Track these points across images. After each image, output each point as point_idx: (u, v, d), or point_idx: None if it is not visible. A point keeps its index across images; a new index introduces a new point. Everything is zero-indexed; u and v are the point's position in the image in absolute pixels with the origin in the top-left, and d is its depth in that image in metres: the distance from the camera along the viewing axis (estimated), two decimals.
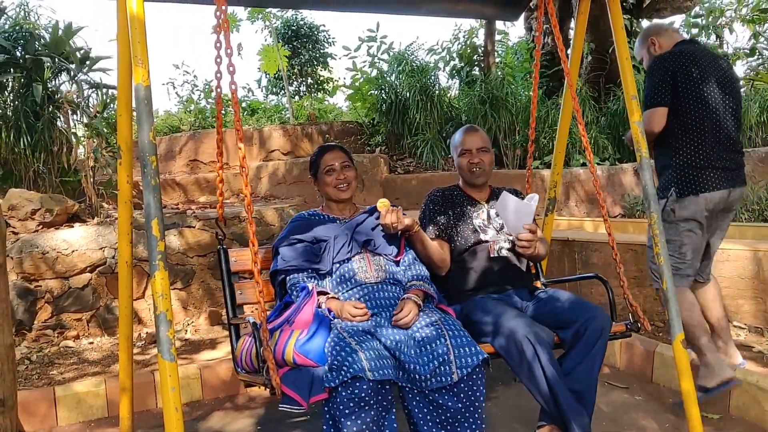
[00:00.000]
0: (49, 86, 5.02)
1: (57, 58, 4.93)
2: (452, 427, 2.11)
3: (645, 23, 8.94)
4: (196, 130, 8.31)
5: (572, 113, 3.14)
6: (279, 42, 10.02)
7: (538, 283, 2.89)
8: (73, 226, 4.20)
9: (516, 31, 30.50)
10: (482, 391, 2.14)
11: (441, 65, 8.21)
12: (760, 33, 9.45)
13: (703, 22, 9.31)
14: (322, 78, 12.13)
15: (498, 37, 8.52)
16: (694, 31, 9.26)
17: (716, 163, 2.85)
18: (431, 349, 2.11)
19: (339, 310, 2.24)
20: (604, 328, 2.32)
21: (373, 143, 7.69)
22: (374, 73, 8.10)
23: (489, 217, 2.68)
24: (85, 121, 4.84)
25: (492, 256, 2.63)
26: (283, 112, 10.05)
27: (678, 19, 9.33)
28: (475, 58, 8.16)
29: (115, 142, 4.97)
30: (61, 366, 3.45)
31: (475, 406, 2.12)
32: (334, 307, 2.26)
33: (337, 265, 2.41)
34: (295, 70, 11.38)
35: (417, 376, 2.08)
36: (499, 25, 8.58)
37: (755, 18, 9.42)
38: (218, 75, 2.27)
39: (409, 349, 2.12)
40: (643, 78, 3.60)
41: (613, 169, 6.18)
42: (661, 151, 2.94)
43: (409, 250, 2.56)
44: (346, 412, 1.95)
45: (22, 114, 4.80)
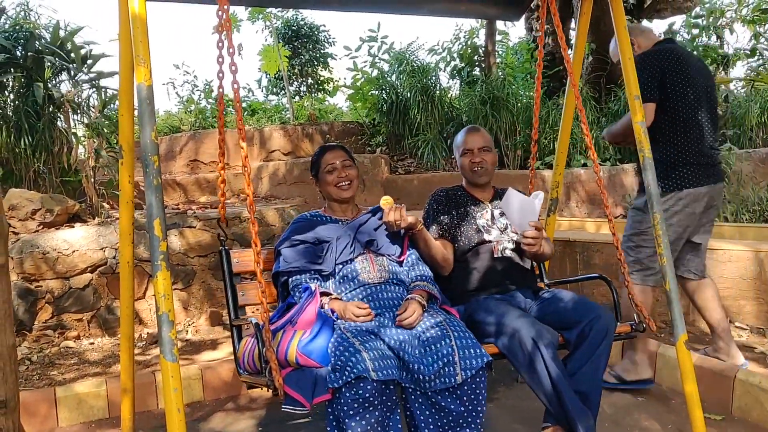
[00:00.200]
0: (49, 86, 5.02)
1: (58, 58, 4.92)
2: (453, 431, 2.10)
3: (645, 24, 8.95)
4: (197, 130, 8.31)
5: (575, 113, 3.14)
6: (279, 42, 10.01)
7: (542, 284, 2.88)
8: (73, 227, 4.19)
9: (516, 32, 30.52)
10: (484, 395, 2.13)
11: (442, 65, 8.21)
12: (761, 33, 9.44)
13: (704, 23, 9.30)
14: (322, 78, 12.13)
15: (498, 38, 8.51)
16: (695, 32, 9.26)
17: (700, 159, 2.91)
18: (436, 349, 2.10)
19: (342, 311, 2.22)
20: (609, 329, 2.31)
21: (374, 143, 7.69)
22: (375, 73, 8.09)
23: (493, 218, 2.67)
24: (86, 121, 4.83)
25: (496, 257, 2.62)
26: (284, 113, 10.04)
27: (678, 20, 9.32)
28: (476, 58, 8.16)
29: (115, 142, 4.97)
30: (62, 366, 3.44)
31: (477, 411, 2.11)
32: (337, 308, 2.24)
33: (340, 266, 2.40)
34: (296, 71, 11.38)
35: (421, 376, 2.07)
36: (500, 25, 8.58)
37: (756, 18, 9.42)
38: (220, 75, 2.26)
39: (414, 349, 2.11)
40: None
41: (614, 170, 6.18)
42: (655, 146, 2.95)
43: (412, 251, 2.54)
44: (350, 413, 1.93)
45: (23, 114, 4.79)
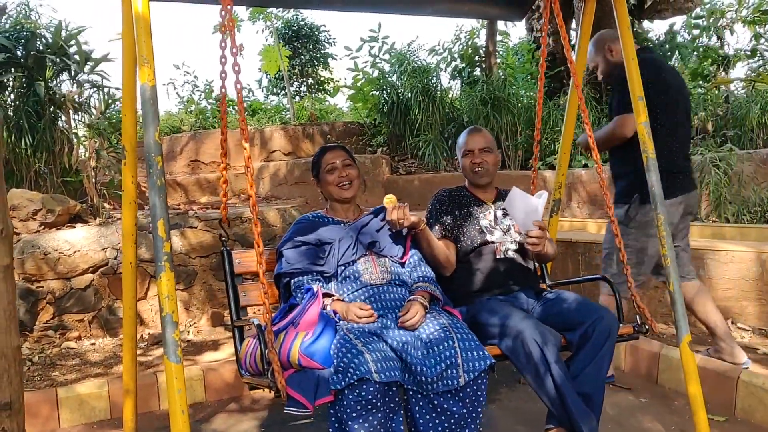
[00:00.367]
0: (50, 86, 5.01)
1: (59, 58, 4.91)
2: None
3: (646, 25, 8.95)
4: (197, 130, 8.31)
5: (578, 114, 3.14)
6: (280, 42, 10.01)
7: (543, 285, 2.88)
8: (74, 227, 4.18)
9: (516, 32, 30.50)
10: (485, 396, 2.12)
11: (442, 66, 8.21)
12: (761, 34, 9.44)
13: (704, 23, 9.30)
14: (322, 78, 12.13)
15: (498, 38, 8.51)
16: (695, 32, 9.26)
17: (680, 168, 2.96)
18: (438, 351, 2.09)
19: (344, 312, 2.21)
20: (612, 330, 2.30)
21: (375, 144, 7.69)
22: (376, 73, 8.09)
23: (496, 218, 2.67)
24: (87, 121, 4.82)
25: (498, 257, 2.61)
26: (284, 113, 10.04)
27: (679, 20, 9.32)
28: (477, 58, 8.15)
29: (116, 143, 4.96)
30: (63, 367, 3.43)
31: (477, 412, 2.11)
32: (340, 309, 2.24)
33: (342, 268, 2.39)
34: (296, 71, 11.38)
35: (423, 378, 2.06)
36: (500, 25, 8.59)
37: (756, 19, 9.42)
38: (223, 75, 2.24)
39: (416, 350, 2.10)
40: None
41: None
42: (622, 156, 2.97)
43: (414, 251, 2.54)
44: (353, 414, 1.93)
45: (24, 114, 4.78)
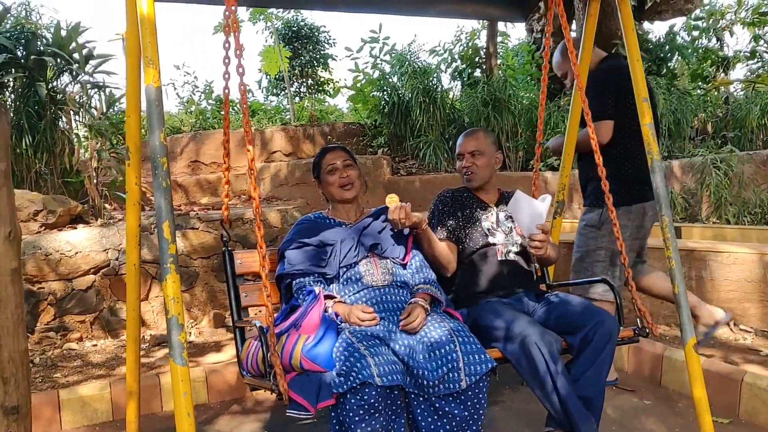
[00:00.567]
0: (51, 86, 4.99)
1: (60, 58, 4.90)
2: None
3: (646, 26, 8.96)
4: (197, 131, 8.29)
5: (581, 115, 3.14)
6: (280, 43, 10.01)
7: (544, 287, 2.88)
8: (76, 228, 4.17)
9: (516, 33, 30.53)
10: (486, 399, 2.13)
11: (443, 67, 8.20)
12: (761, 36, 9.46)
13: (704, 25, 9.31)
14: (322, 79, 12.13)
15: (498, 39, 8.51)
16: (695, 34, 9.27)
17: (646, 176, 2.93)
18: (440, 354, 2.09)
19: (347, 315, 2.21)
20: (612, 334, 2.31)
21: (376, 145, 7.68)
22: (376, 74, 8.08)
23: (498, 220, 2.66)
24: (88, 122, 4.81)
25: (500, 259, 2.61)
26: (284, 114, 10.03)
27: (679, 22, 9.33)
28: (477, 59, 8.15)
29: (117, 143, 4.95)
30: (65, 369, 3.42)
31: (479, 414, 2.11)
32: (342, 311, 2.23)
33: (344, 269, 2.39)
34: (296, 71, 11.37)
35: (425, 381, 2.06)
36: (500, 26, 8.59)
37: (755, 21, 9.44)
38: (226, 76, 2.23)
39: (418, 354, 2.10)
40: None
41: None
42: (592, 161, 2.95)
43: (416, 253, 2.53)
44: (356, 418, 1.93)
45: (24, 114, 4.77)
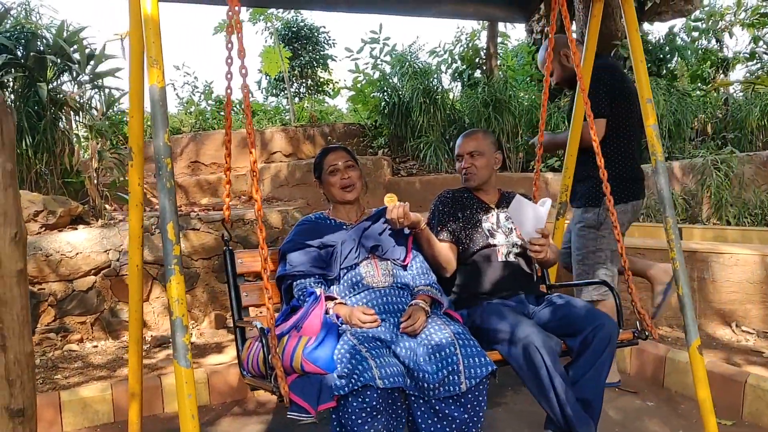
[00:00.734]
0: (51, 87, 4.98)
1: (60, 58, 4.88)
2: None
3: (646, 27, 8.96)
4: (197, 131, 8.28)
5: (584, 117, 3.14)
6: (280, 43, 9.99)
7: (543, 288, 2.87)
8: (76, 228, 4.15)
9: (516, 34, 30.53)
10: (486, 402, 2.13)
11: (443, 67, 8.20)
12: (760, 37, 9.47)
13: (703, 26, 9.32)
14: (322, 80, 12.12)
15: (498, 40, 8.51)
16: (695, 35, 9.28)
17: (639, 174, 3.08)
18: (441, 357, 2.09)
19: (348, 316, 2.20)
20: (612, 337, 2.31)
21: (376, 145, 7.67)
22: (377, 74, 8.07)
23: (498, 221, 2.65)
24: (88, 122, 4.79)
25: (500, 261, 2.60)
26: (284, 114, 10.02)
27: (678, 23, 9.34)
28: (477, 60, 8.14)
29: (117, 143, 4.94)
30: (66, 370, 3.41)
31: (479, 416, 2.11)
32: (343, 313, 2.23)
33: (345, 271, 2.38)
34: (295, 72, 11.36)
35: (426, 384, 2.06)
36: (500, 27, 8.58)
37: (754, 22, 9.45)
38: (229, 76, 2.23)
39: (418, 357, 2.10)
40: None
41: None
42: (586, 160, 3.00)
43: (417, 254, 2.53)
44: (358, 421, 1.93)
45: (24, 114, 4.75)
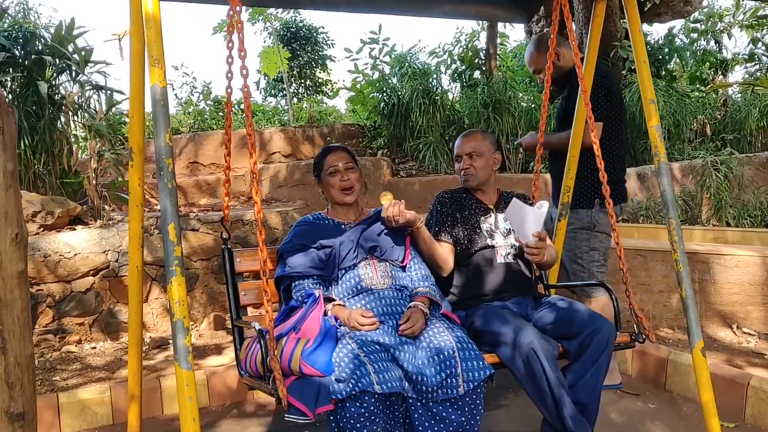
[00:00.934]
0: (49, 87, 4.95)
1: (59, 58, 4.86)
2: None
3: (645, 28, 8.96)
4: (196, 132, 8.25)
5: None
6: (279, 44, 9.98)
7: (541, 287, 2.86)
8: (75, 229, 4.13)
9: (515, 34, 30.51)
10: (483, 405, 2.15)
11: (442, 68, 8.19)
12: (759, 38, 9.48)
13: (702, 27, 9.33)
14: (320, 80, 12.10)
15: (497, 41, 8.50)
16: (694, 36, 9.29)
17: (621, 177, 3.16)
18: (439, 360, 2.09)
19: (346, 318, 2.20)
20: (609, 340, 2.32)
21: (375, 146, 7.65)
22: (376, 75, 8.06)
23: (497, 222, 2.65)
24: (87, 123, 4.77)
25: (498, 262, 2.60)
26: (283, 115, 10.00)
27: (677, 24, 9.36)
28: (477, 61, 8.14)
29: (116, 143, 4.91)
30: (64, 372, 3.38)
31: (475, 420, 2.12)
32: (341, 315, 2.23)
33: (343, 272, 2.38)
34: (294, 72, 11.34)
35: (424, 387, 2.06)
36: (499, 27, 8.57)
37: (753, 24, 9.46)
38: (229, 75, 2.23)
39: (417, 359, 2.10)
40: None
41: None
42: (578, 161, 3.04)
43: (415, 255, 2.52)
44: (357, 425, 1.93)
45: (23, 114, 4.72)
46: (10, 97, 5.02)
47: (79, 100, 4.89)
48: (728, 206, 5.67)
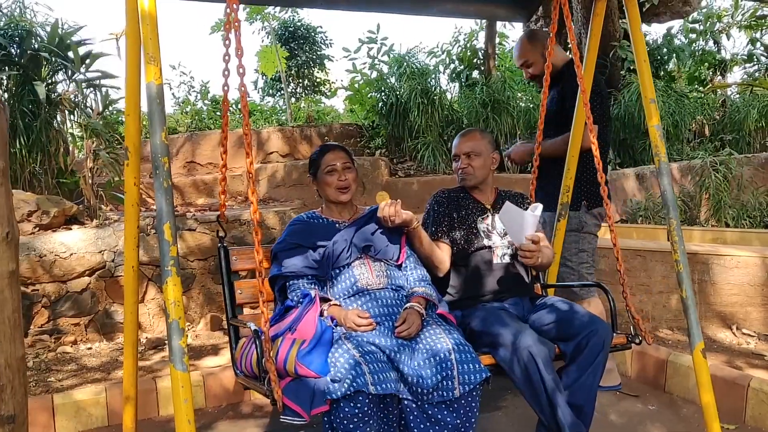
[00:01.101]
0: (46, 85, 4.92)
1: (55, 57, 4.83)
2: None
3: (644, 28, 8.95)
4: (193, 131, 8.21)
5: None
6: (277, 43, 9.95)
7: (538, 287, 2.85)
8: (71, 229, 4.10)
9: (514, 34, 30.52)
10: (478, 407, 2.14)
11: (441, 68, 8.16)
12: (758, 39, 9.48)
13: (701, 28, 9.34)
14: (318, 80, 12.08)
15: (496, 40, 8.48)
16: (692, 36, 9.29)
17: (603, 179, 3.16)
18: (436, 362, 2.08)
19: (342, 319, 2.19)
20: (606, 342, 2.31)
21: (373, 146, 7.62)
22: (374, 75, 8.03)
23: (494, 222, 2.64)
24: (83, 121, 4.74)
25: (495, 262, 2.59)
26: (280, 114, 9.97)
27: (676, 24, 9.36)
28: (476, 61, 8.12)
29: (114, 143, 4.88)
30: (59, 373, 3.35)
31: (471, 422, 2.11)
32: (337, 315, 2.21)
33: (337, 271, 2.36)
34: (292, 72, 11.31)
35: (419, 389, 2.05)
36: (498, 27, 8.55)
37: (752, 24, 9.47)
38: (226, 73, 2.22)
39: (412, 361, 2.09)
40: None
41: (615, 174, 6.15)
42: (563, 165, 3.03)
43: (411, 254, 2.50)
44: (350, 426, 1.92)
45: (19, 113, 4.69)
46: (6, 96, 5.00)
47: (76, 99, 4.86)
48: (727, 207, 5.67)
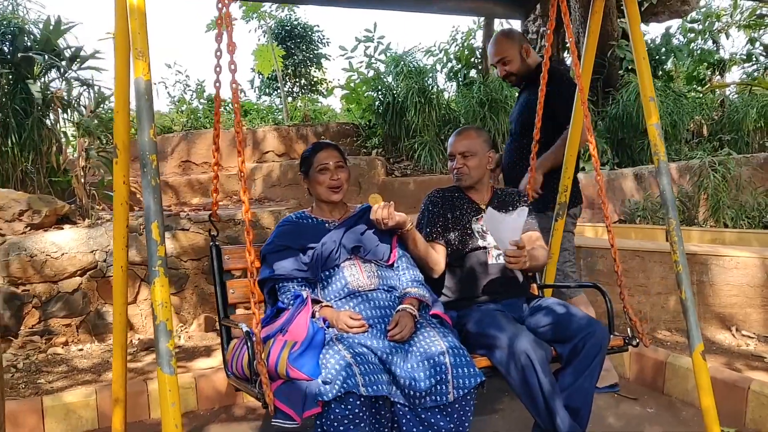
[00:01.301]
0: (38, 83, 4.87)
1: (47, 55, 4.77)
2: None
3: (642, 27, 8.93)
4: (189, 130, 8.16)
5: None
6: (273, 42, 9.90)
7: (534, 287, 2.81)
8: (62, 228, 4.05)
9: None
10: (472, 411, 2.11)
11: (438, 67, 8.13)
12: (756, 38, 9.46)
13: (700, 27, 9.31)
14: (315, 79, 12.03)
15: None
16: (691, 36, 9.26)
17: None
18: (430, 365, 2.05)
19: (334, 320, 2.16)
20: (603, 345, 2.28)
21: (370, 145, 7.58)
22: (371, 73, 7.99)
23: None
24: (76, 120, 4.69)
25: (490, 263, 2.56)
26: (277, 113, 9.92)
27: (675, 24, 9.34)
28: (473, 60, 8.08)
29: (106, 141, 4.83)
30: (50, 374, 3.30)
31: (464, 427, 2.09)
32: (329, 316, 2.18)
33: (327, 273, 2.33)
34: (289, 71, 11.27)
35: (412, 392, 2.02)
36: (496, 26, 8.52)
37: (751, 23, 9.45)
38: (217, 69, 2.17)
39: (406, 363, 2.06)
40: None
41: (613, 174, 6.12)
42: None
43: (403, 253, 2.47)
44: (341, 428, 1.90)
45: (11, 111, 4.64)
46: None
47: (69, 97, 4.81)
48: (726, 207, 5.63)
